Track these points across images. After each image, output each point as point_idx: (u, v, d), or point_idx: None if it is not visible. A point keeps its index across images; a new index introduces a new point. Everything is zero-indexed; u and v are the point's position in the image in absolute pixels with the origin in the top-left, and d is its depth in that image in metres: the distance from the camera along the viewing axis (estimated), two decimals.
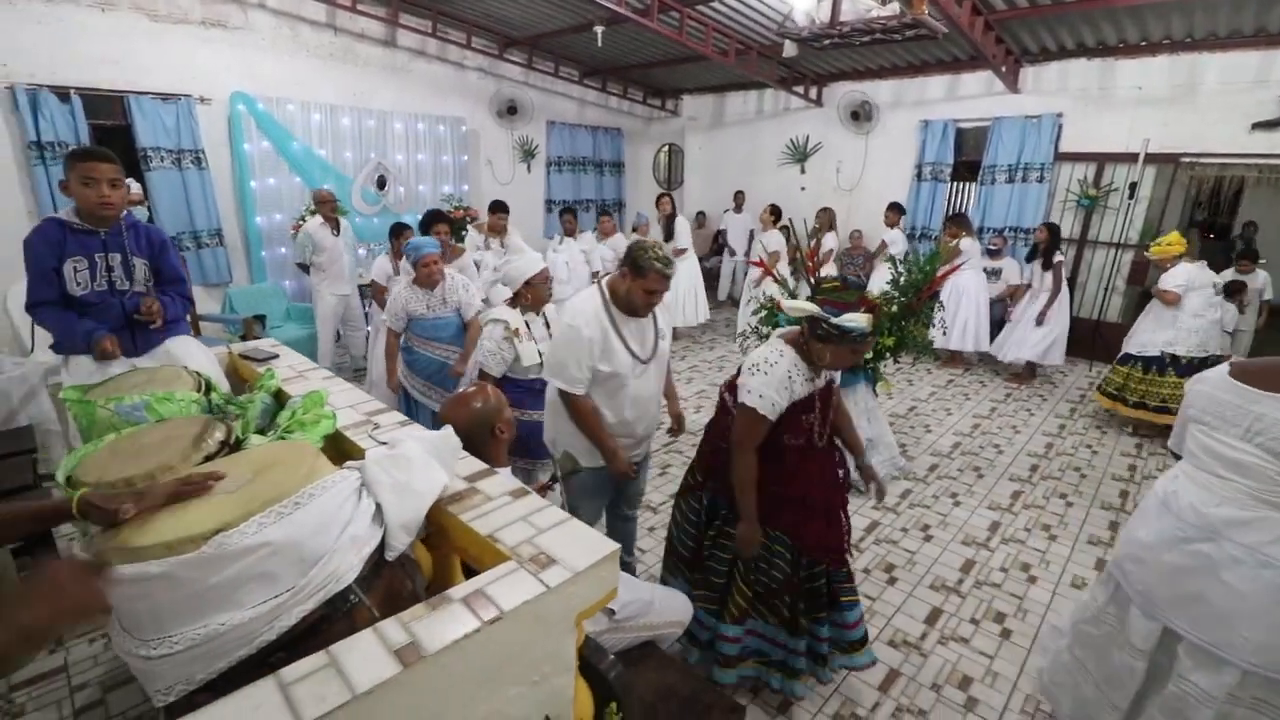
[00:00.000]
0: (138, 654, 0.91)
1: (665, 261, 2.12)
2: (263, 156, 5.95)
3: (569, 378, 2.18)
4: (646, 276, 2.12)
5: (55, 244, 1.99)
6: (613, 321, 2.20)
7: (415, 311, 3.34)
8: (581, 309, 2.21)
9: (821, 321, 1.85)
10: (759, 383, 1.91)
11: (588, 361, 2.16)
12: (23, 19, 4.76)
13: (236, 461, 1.16)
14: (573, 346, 2.16)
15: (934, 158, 7.15)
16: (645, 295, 2.16)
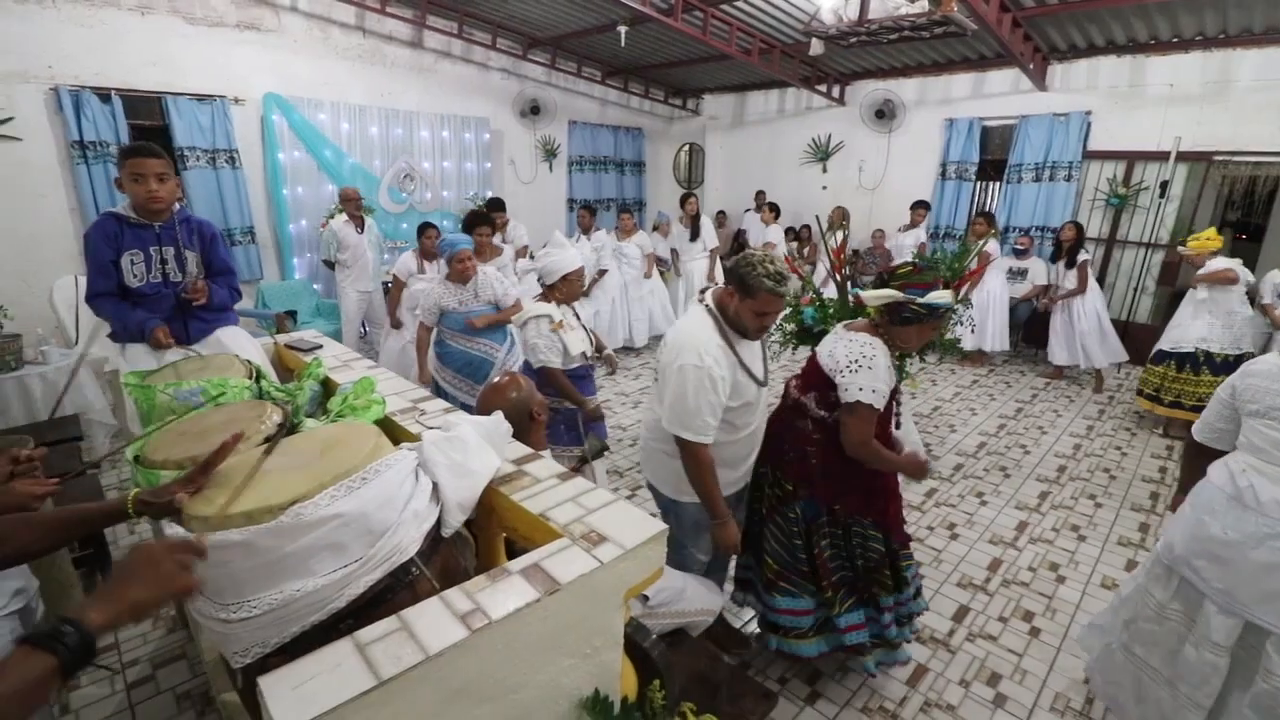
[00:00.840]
0: (218, 617, 0.96)
1: (778, 278, 1.86)
2: (294, 157, 6.08)
3: (700, 427, 1.89)
4: (756, 297, 1.86)
5: (112, 238, 2.07)
6: (734, 349, 1.95)
7: (448, 306, 3.41)
8: (703, 341, 1.91)
9: (908, 305, 1.90)
10: (867, 378, 1.91)
11: (720, 403, 1.90)
12: (67, 22, 4.91)
13: (304, 440, 1.22)
14: (706, 392, 1.87)
15: (959, 156, 7.10)
16: (756, 319, 1.92)
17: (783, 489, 2.16)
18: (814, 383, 2.08)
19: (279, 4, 5.84)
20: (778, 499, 2.18)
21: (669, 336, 2.04)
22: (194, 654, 2.28)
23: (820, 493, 2.08)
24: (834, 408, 2.02)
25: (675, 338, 1.98)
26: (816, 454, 2.06)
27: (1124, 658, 2.04)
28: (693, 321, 1.99)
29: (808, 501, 2.12)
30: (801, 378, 2.20)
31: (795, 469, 2.13)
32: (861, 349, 1.95)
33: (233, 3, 5.60)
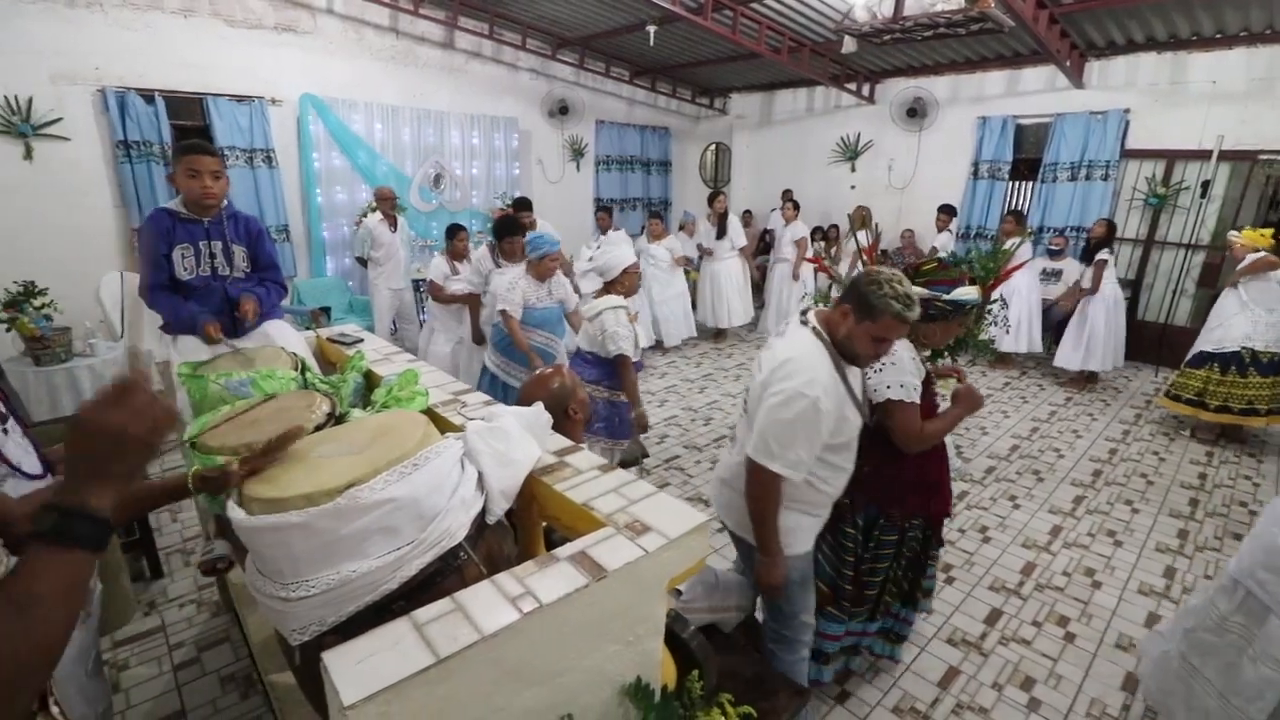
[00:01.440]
0: (277, 596, 1.00)
1: (906, 301, 1.62)
2: (328, 157, 6.20)
3: (793, 462, 1.69)
4: (878, 320, 1.64)
5: (165, 232, 2.15)
6: (844, 379, 1.73)
7: (528, 300, 3.52)
8: (814, 368, 1.69)
9: (933, 301, 1.89)
10: (893, 375, 1.89)
11: (821, 439, 1.71)
12: (114, 26, 5.07)
13: (355, 428, 1.25)
14: (808, 425, 1.67)
15: (992, 155, 6.98)
16: (873, 344, 1.69)
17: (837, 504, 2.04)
18: None
19: (315, 6, 5.96)
20: (839, 514, 2.05)
21: (768, 357, 1.80)
22: (237, 638, 2.35)
23: (877, 497, 2.03)
24: (873, 411, 1.96)
25: (780, 360, 1.73)
26: (867, 461, 1.97)
27: (1179, 665, 1.99)
28: (800, 344, 1.75)
29: (865, 511, 2.05)
30: None
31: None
32: None
33: (271, 5, 5.73)
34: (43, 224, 4.88)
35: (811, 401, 1.65)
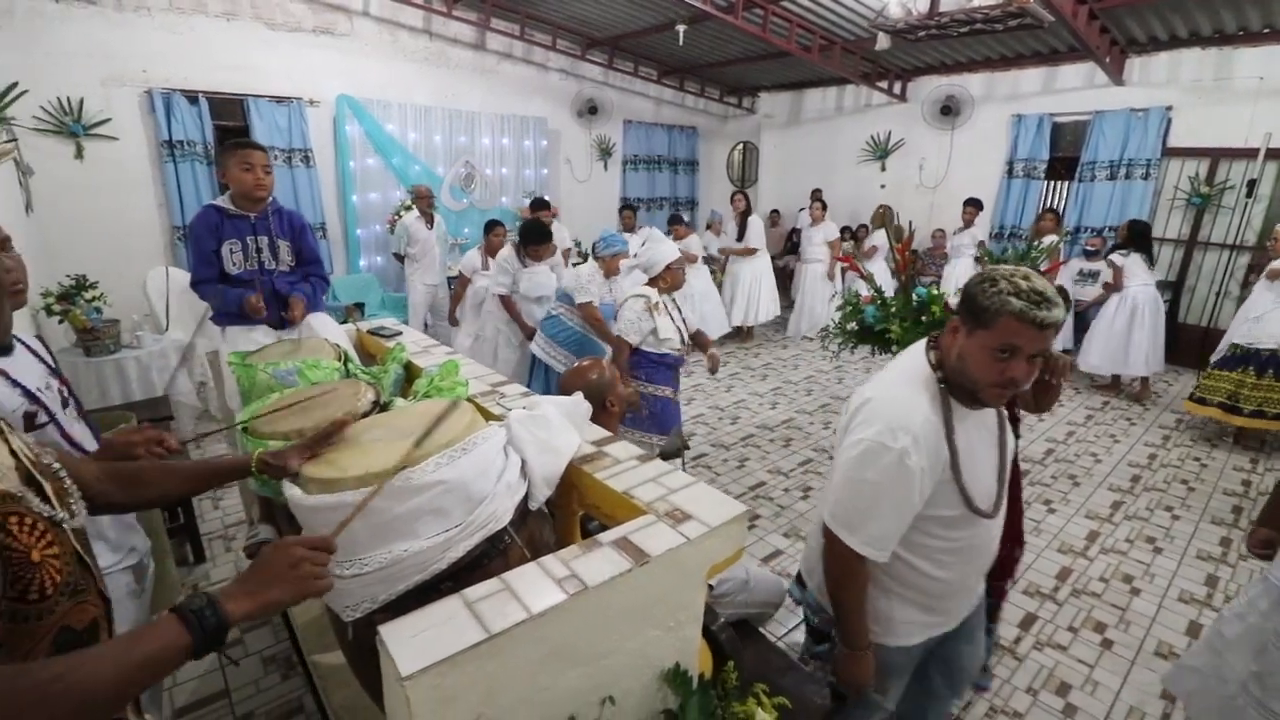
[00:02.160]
0: (333, 573, 1.03)
1: (1034, 298, 1.17)
2: (363, 157, 6.33)
3: (875, 537, 1.33)
4: (992, 326, 1.20)
5: (214, 228, 2.23)
6: (949, 426, 1.30)
7: (600, 295, 3.67)
8: (899, 410, 1.30)
9: None
10: None
11: (913, 507, 1.32)
12: (160, 29, 5.24)
13: (404, 414, 1.29)
14: (893, 488, 1.28)
15: (1027, 154, 6.86)
16: (994, 365, 1.22)
17: None
18: None
19: (352, 9, 6.09)
20: None
21: (859, 391, 1.45)
22: (277, 622, 2.42)
23: None
24: None
25: (863, 398, 1.39)
26: None
27: (1258, 714, 1.72)
28: (893, 376, 1.41)
29: None
30: None
31: None
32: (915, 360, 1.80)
33: (309, 8, 5.87)
34: (92, 220, 5.06)
35: (896, 456, 1.25)
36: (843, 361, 5.94)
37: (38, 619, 0.73)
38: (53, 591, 0.74)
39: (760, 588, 2.07)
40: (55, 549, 0.76)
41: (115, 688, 0.69)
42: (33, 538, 0.73)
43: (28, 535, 0.73)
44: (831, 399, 5.24)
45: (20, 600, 0.71)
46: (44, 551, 0.74)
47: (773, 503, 3.53)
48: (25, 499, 0.76)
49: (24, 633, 0.73)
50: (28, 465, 0.82)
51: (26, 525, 0.74)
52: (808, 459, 4.11)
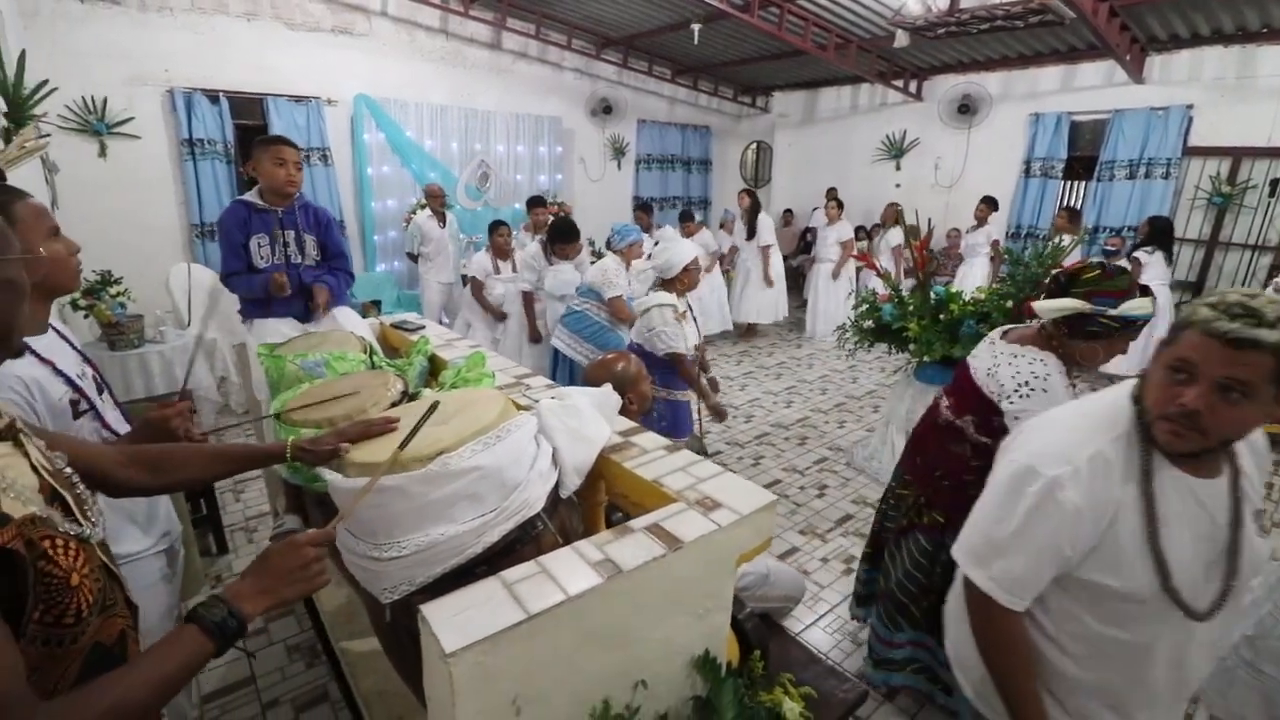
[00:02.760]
0: (370, 556, 1.05)
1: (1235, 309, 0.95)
2: (380, 155, 6.38)
3: (1006, 576, 1.12)
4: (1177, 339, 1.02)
5: (243, 222, 2.27)
6: (1145, 477, 1.05)
7: (622, 284, 3.67)
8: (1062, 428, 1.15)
9: (1096, 317, 1.61)
10: (1043, 403, 1.61)
11: (1061, 554, 1.08)
12: (182, 29, 5.31)
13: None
14: (1037, 524, 1.08)
15: (1045, 153, 6.80)
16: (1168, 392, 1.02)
17: (929, 517, 1.92)
18: (972, 405, 1.80)
19: (370, 9, 6.14)
20: (924, 525, 1.94)
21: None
22: (300, 611, 2.45)
23: None
24: (996, 434, 1.71)
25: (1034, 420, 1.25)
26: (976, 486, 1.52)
27: (1249, 675, 1.84)
28: (1086, 401, 1.22)
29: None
30: (954, 395, 1.90)
31: (949, 499, 1.84)
32: (1032, 368, 1.66)
33: (328, 8, 5.93)
34: (115, 218, 5.14)
35: (1046, 485, 1.06)
36: (857, 361, 5.92)
37: (72, 641, 0.73)
38: (87, 613, 0.74)
39: (780, 582, 2.08)
40: (87, 568, 0.76)
41: (150, 702, 0.72)
42: (70, 559, 0.73)
43: (66, 558, 0.72)
44: (846, 398, 5.22)
45: (56, 625, 0.71)
46: (81, 575, 0.73)
47: (788, 500, 3.52)
48: (51, 520, 0.74)
49: (58, 656, 0.73)
50: (50, 481, 0.80)
51: (61, 548, 0.72)
52: (823, 457, 4.11)
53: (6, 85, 3.05)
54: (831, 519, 3.35)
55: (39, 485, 0.77)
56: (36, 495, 0.75)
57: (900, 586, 2.02)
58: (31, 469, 0.78)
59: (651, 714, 1.10)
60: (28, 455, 0.79)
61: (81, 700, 0.68)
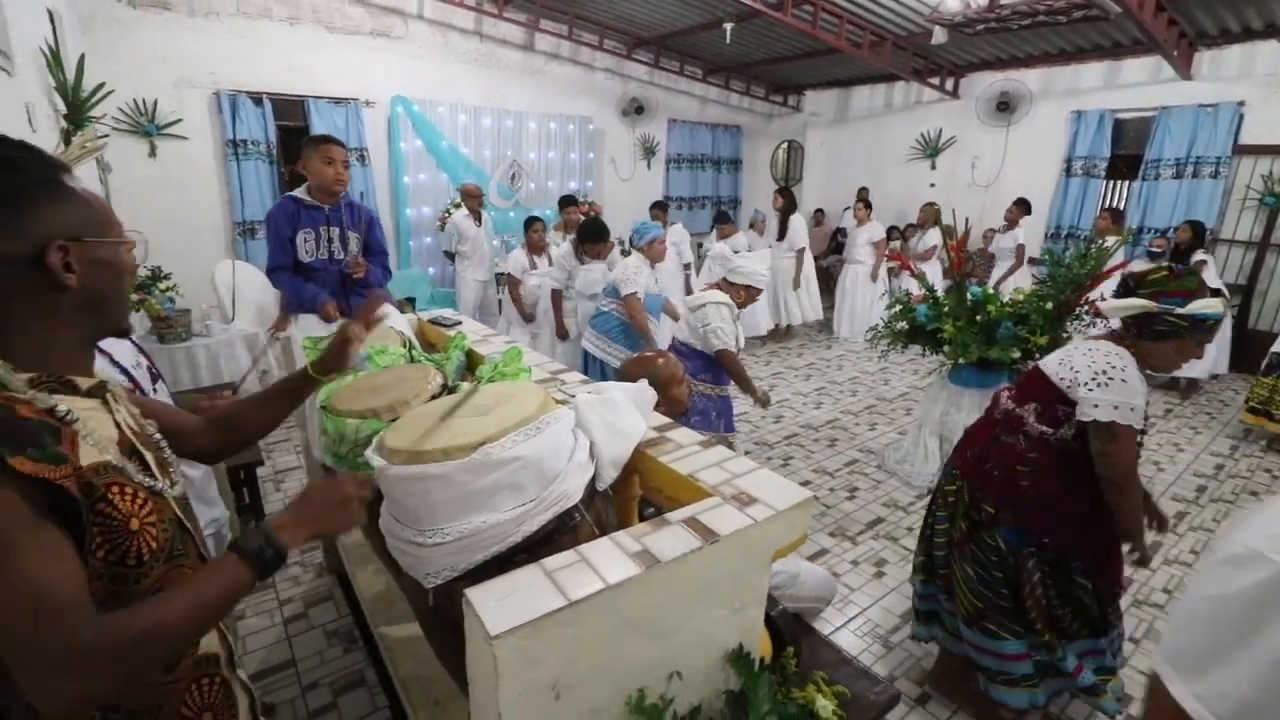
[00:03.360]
0: (414, 541, 1.08)
1: None
2: (415, 155, 6.50)
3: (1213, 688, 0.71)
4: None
5: (290, 217, 2.34)
6: None
7: (644, 285, 3.64)
8: None
9: (1164, 316, 1.64)
10: (1120, 393, 1.63)
11: None
12: (228, 33, 5.49)
13: (480, 393, 1.33)
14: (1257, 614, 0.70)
15: (1087, 151, 6.63)
16: None
17: (981, 511, 1.89)
18: (1037, 393, 1.82)
19: (407, 12, 6.27)
20: (974, 523, 1.91)
21: None
22: (339, 598, 2.52)
23: (1030, 521, 1.82)
24: (1059, 424, 1.76)
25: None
26: (1028, 476, 1.77)
27: None
28: None
29: (1012, 529, 1.85)
30: (1018, 387, 1.94)
31: (999, 489, 1.86)
32: (1109, 359, 1.68)
33: (367, 12, 6.07)
34: (163, 215, 5.32)
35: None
36: (889, 362, 5.84)
37: (135, 582, 0.80)
38: (149, 557, 0.81)
39: (811, 582, 2.07)
40: (154, 517, 0.82)
41: (190, 624, 0.78)
42: (133, 506, 0.79)
43: (128, 504, 0.78)
44: (878, 400, 5.16)
45: (119, 564, 0.77)
46: (143, 519, 0.80)
47: (819, 502, 3.50)
48: (126, 470, 0.81)
49: (122, 594, 0.78)
50: (130, 437, 0.87)
51: (127, 495, 0.79)
52: (853, 459, 4.07)
53: (67, 88, 3.19)
54: (862, 522, 3.32)
55: (118, 439, 0.84)
56: (113, 447, 0.82)
57: (981, 595, 1.91)
58: (115, 424, 0.86)
59: (686, 705, 1.11)
60: (113, 413, 0.86)
61: (126, 616, 0.73)
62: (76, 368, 0.83)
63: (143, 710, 0.84)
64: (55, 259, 0.77)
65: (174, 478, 0.95)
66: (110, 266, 0.83)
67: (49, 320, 0.80)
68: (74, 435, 0.75)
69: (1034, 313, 3.20)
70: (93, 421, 0.80)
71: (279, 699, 2.11)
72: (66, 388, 0.80)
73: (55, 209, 0.78)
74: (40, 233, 0.76)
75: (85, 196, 0.81)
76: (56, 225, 0.77)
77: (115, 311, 0.87)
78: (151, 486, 0.84)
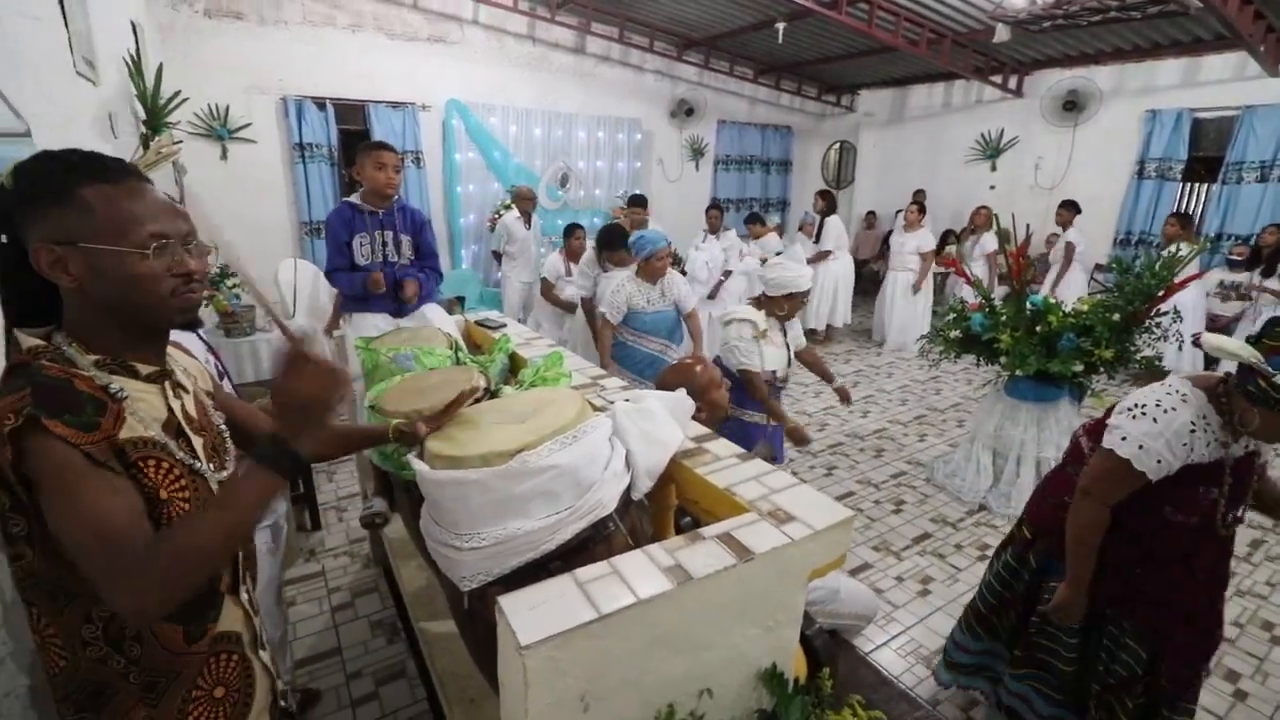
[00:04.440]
0: (452, 545, 1.11)
1: None
2: (467, 157, 6.65)
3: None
4: None
5: (347, 222, 2.44)
6: None
7: (636, 305, 3.36)
8: None
9: (1257, 375, 1.36)
10: (1141, 429, 1.47)
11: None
12: (295, 40, 5.72)
13: (516, 400, 1.36)
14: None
15: (1162, 153, 6.26)
16: None
17: (1021, 531, 1.86)
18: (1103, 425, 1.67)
19: (463, 18, 6.41)
20: (1011, 539, 1.91)
21: None
22: (384, 590, 2.60)
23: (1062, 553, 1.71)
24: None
25: None
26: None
27: None
28: None
29: (1045, 554, 1.78)
30: (1097, 422, 1.78)
31: (1041, 515, 1.80)
32: (1161, 396, 1.50)
33: (425, 18, 6.23)
34: (232, 215, 5.58)
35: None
36: (942, 371, 5.65)
37: None
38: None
39: (851, 600, 2.02)
40: (185, 492, 0.89)
41: (222, 531, 0.83)
42: (162, 478, 0.86)
43: (158, 475, 0.86)
44: (928, 410, 5.00)
45: (156, 525, 0.84)
46: (172, 491, 0.87)
47: (862, 514, 3.42)
48: (168, 447, 0.88)
49: None
50: (180, 420, 0.93)
51: (162, 468, 0.86)
52: (900, 471, 3.95)
53: (146, 96, 3.39)
54: (908, 536, 3.22)
55: (166, 420, 0.91)
56: (156, 425, 0.89)
57: (981, 597, 2.00)
58: (167, 408, 0.92)
59: None
60: (167, 398, 0.93)
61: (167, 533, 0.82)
62: (138, 355, 0.91)
63: (161, 674, 0.90)
64: (40, 261, 0.82)
65: (225, 463, 1.01)
66: (112, 273, 0.84)
67: (92, 314, 0.87)
68: (119, 410, 0.84)
69: (1099, 324, 3.04)
70: (142, 402, 0.88)
71: (325, 685, 2.18)
72: (127, 371, 0.89)
73: (49, 213, 0.83)
74: (34, 235, 0.83)
75: (91, 202, 0.83)
76: (46, 230, 0.83)
77: (142, 314, 0.89)
78: (191, 465, 0.91)
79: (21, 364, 0.82)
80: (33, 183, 0.84)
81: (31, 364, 0.81)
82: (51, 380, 0.80)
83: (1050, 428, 3.38)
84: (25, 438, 0.75)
